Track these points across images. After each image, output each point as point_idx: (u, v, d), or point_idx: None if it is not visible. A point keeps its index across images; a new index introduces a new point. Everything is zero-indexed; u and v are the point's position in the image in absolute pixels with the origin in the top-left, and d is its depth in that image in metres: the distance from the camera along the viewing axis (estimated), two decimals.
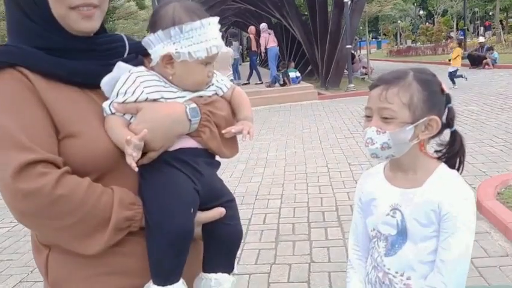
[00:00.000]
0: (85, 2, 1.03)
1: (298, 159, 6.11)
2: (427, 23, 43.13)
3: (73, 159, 1.00)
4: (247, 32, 15.00)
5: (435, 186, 1.17)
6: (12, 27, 1.08)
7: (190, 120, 1.08)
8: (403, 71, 1.19)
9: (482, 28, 37.13)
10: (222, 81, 1.24)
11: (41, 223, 0.97)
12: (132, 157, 0.99)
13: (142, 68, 1.12)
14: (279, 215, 4.15)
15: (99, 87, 1.07)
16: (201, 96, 1.15)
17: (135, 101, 1.06)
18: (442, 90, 1.20)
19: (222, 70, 8.74)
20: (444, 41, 29.99)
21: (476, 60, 16.61)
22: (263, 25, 13.55)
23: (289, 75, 12.78)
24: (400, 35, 38.74)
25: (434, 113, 1.17)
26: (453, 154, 1.25)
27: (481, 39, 18.61)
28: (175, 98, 1.10)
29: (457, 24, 39.39)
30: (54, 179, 0.92)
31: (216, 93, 1.21)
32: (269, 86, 12.82)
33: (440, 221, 1.16)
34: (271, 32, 13.73)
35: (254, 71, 14.15)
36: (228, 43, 14.13)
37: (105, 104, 1.06)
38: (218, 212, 1.13)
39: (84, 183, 0.97)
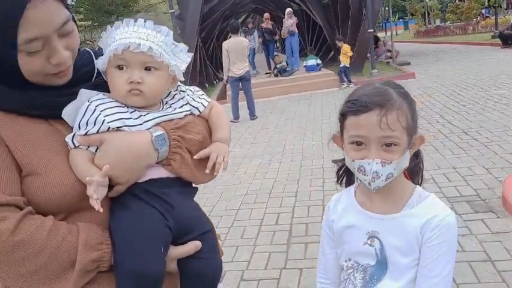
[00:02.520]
0: (61, 68, 0.97)
1: (315, 152, 5.92)
2: (457, 0, 41.49)
3: (36, 198, 0.93)
4: (264, 19, 14.70)
5: (416, 211, 1.07)
6: None
7: (157, 149, 0.99)
8: (382, 89, 1.05)
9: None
10: (199, 99, 1.14)
11: (2, 270, 0.89)
12: (94, 199, 0.91)
13: (101, 94, 1.02)
14: (293, 215, 4.01)
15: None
16: (172, 120, 1.05)
17: (97, 132, 0.96)
18: (414, 102, 1.10)
19: (239, 62, 8.62)
20: (475, 19, 28.75)
21: (508, 39, 15.82)
22: (289, 10, 13.25)
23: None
24: (428, 14, 37.38)
25: (417, 129, 1.08)
26: (416, 170, 1.19)
27: None
28: (140, 124, 1.00)
29: (489, 0, 37.70)
30: (13, 224, 0.86)
31: (192, 113, 1.11)
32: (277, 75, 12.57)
33: (421, 247, 1.06)
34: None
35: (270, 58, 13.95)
36: (244, 32, 13.92)
37: (68, 138, 0.97)
38: (193, 246, 1.04)
39: (46, 226, 0.90)
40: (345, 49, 11.55)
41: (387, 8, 21.57)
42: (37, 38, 0.90)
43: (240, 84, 8.82)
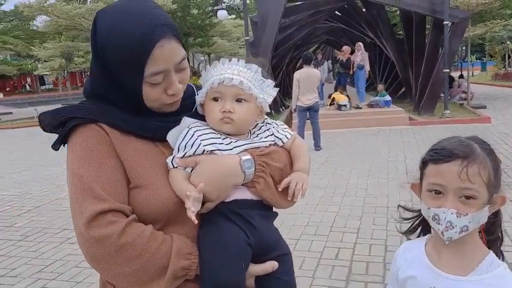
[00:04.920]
0: (175, 99, 1.13)
1: (380, 190, 5.82)
2: None
3: (140, 208, 1.08)
4: (340, 50, 14.77)
5: (484, 279, 1.05)
6: (98, 88, 1.14)
7: (244, 171, 1.11)
8: (467, 143, 1.07)
9: None
10: (283, 131, 1.26)
11: (107, 268, 1.03)
12: (191, 211, 1.04)
13: (200, 122, 1.18)
14: (353, 252, 3.96)
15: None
16: (258, 147, 1.18)
17: (193, 154, 1.11)
18: (499, 160, 1.09)
19: (309, 93, 8.72)
20: None
21: None
22: (358, 44, 13.26)
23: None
24: (509, 56, 35.59)
25: (499, 188, 1.06)
26: (492, 230, 1.15)
27: None
28: (230, 149, 1.14)
29: None
30: (121, 228, 1.01)
31: (276, 144, 1.23)
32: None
33: None
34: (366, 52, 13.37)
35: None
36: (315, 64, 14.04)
37: (168, 160, 1.13)
38: (270, 265, 1.14)
39: (147, 232, 1.05)
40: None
41: (464, 48, 20.82)
42: (161, 72, 1.07)
43: (308, 114, 8.92)
